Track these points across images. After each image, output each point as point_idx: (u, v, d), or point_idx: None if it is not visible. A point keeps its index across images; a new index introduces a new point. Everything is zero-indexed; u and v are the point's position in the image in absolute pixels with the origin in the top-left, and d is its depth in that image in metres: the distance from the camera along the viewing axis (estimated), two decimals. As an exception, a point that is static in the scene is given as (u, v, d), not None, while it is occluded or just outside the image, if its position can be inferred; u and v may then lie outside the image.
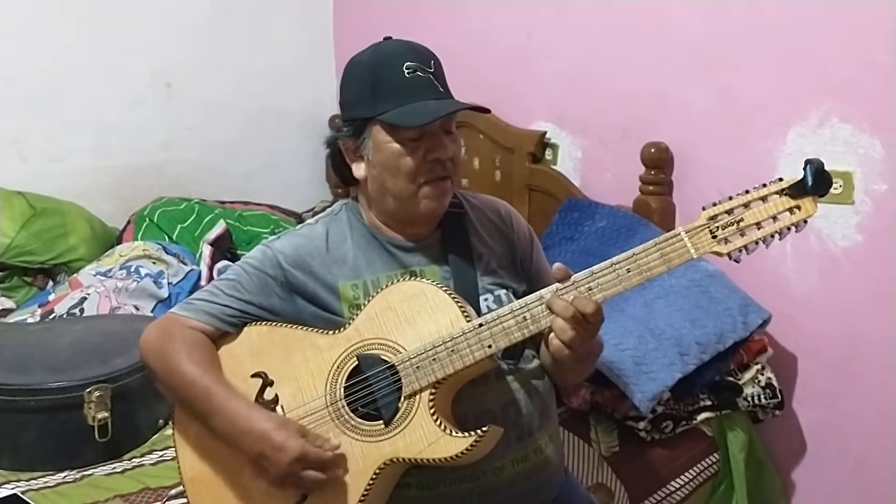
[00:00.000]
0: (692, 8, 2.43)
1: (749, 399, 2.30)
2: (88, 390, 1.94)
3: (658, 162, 2.49)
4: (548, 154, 2.89)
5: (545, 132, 2.86)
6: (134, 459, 2.00)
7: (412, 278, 1.40)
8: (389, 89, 1.38)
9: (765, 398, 2.30)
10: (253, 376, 1.40)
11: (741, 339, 2.23)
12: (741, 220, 1.23)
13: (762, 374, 2.32)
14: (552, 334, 1.28)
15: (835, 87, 2.17)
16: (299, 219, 3.36)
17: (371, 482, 1.31)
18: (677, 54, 2.48)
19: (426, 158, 1.39)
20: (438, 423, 1.29)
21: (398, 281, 1.39)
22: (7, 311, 2.69)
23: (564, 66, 2.80)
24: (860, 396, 2.26)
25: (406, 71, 1.37)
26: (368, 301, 1.39)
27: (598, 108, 2.73)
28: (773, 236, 1.23)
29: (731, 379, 2.29)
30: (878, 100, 2.10)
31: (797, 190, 1.21)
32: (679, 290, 2.27)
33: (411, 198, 1.42)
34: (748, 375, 2.31)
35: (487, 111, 1.45)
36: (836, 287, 2.26)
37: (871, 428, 2.26)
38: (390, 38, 1.47)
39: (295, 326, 1.43)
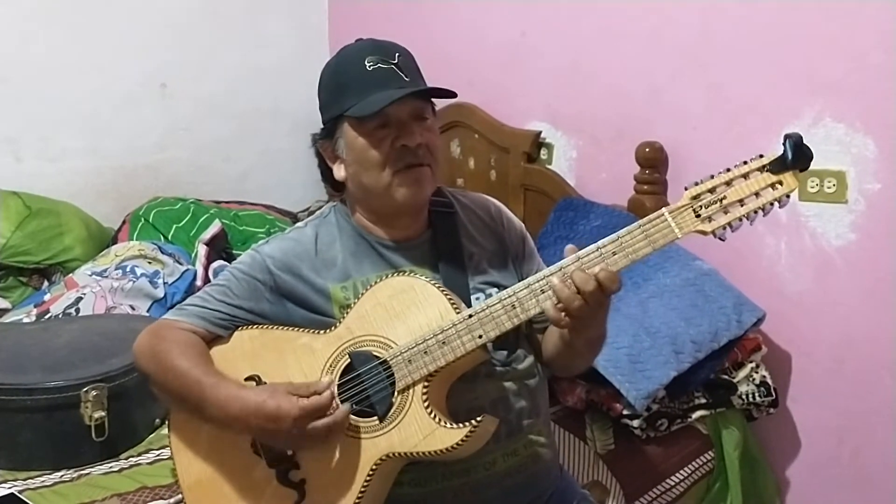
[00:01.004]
0: (686, 7, 2.44)
1: (743, 397, 2.31)
2: (85, 390, 1.94)
3: (653, 161, 2.49)
4: (543, 153, 2.89)
5: (540, 132, 2.87)
6: (131, 458, 2.00)
7: (401, 274, 1.41)
8: (353, 85, 1.39)
9: (759, 396, 2.31)
10: (246, 380, 1.40)
11: (736, 338, 2.23)
12: (724, 197, 1.22)
13: (756, 373, 2.33)
14: (563, 311, 1.27)
15: (828, 86, 2.18)
16: (295, 218, 3.36)
17: (368, 478, 1.31)
18: (671, 53, 2.49)
19: (394, 146, 1.39)
20: (433, 415, 1.29)
21: (387, 277, 1.39)
22: (3, 312, 2.69)
23: (559, 65, 2.81)
24: (854, 394, 2.27)
25: (368, 64, 1.38)
26: (358, 299, 1.39)
27: (593, 107, 2.74)
28: (756, 212, 1.23)
29: (726, 377, 2.30)
30: (872, 99, 2.10)
31: (778, 165, 1.21)
32: (674, 289, 2.28)
33: (386, 189, 1.41)
34: (743, 373, 2.32)
35: (453, 95, 1.42)
36: (829, 286, 2.27)
37: (864, 425, 2.27)
38: (361, 39, 1.47)
39: (286, 328, 1.43)
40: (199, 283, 2.77)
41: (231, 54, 3.46)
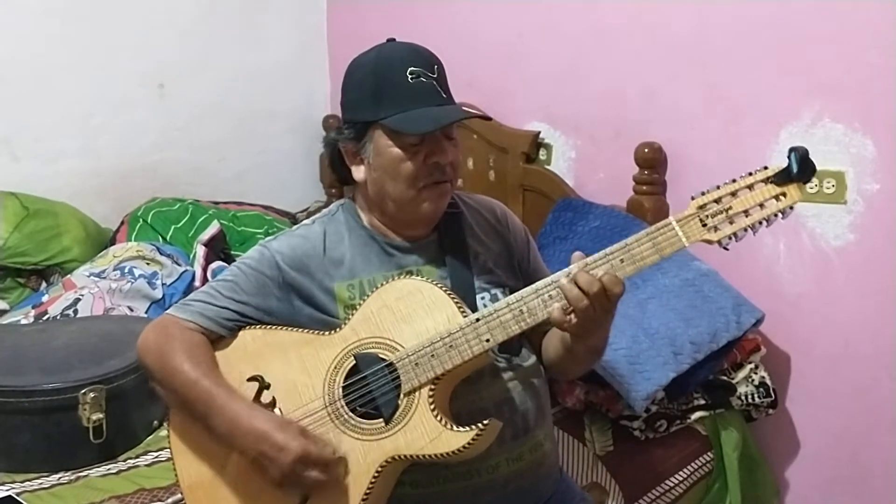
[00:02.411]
0: (683, 7, 2.44)
1: (743, 398, 2.31)
2: (83, 391, 1.93)
3: (651, 162, 2.49)
4: (541, 154, 2.89)
5: (539, 132, 2.87)
6: (129, 460, 1.99)
7: (407, 276, 1.41)
8: (393, 94, 1.38)
9: (758, 397, 2.31)
10: (249, 380, 1.40)
11: (735, 339, 2.23)
12: (729, 208, 1.24)
13: (756, 373, 2.33)
14: (569, 313, 1.28)
15: (826, 86, 2.18)
16: (293, 219, 3.35)
17: (373, 481, 1.31)
18: (668, 54, 2.49)
19: (426, 162, 1.40)
20: (439, 418, 1.29)
21: (393, 280, 1.39)
22: (1, 313, 2.68)
23: (557, 65, 2.81)
24: (852, 395, 2.28)
25: (410, 76, 1.38)
26: (364, 301, 1.39)
27: (591, 107, 2.73)
28: (760, 223, 1.25)
29: (725, 378, 2.31)
30: (870, 99, 2.11)
31: (782, 177, 1.23)
32: (672, 290, 2.28)
33: (411, 201, 1.42)
34: (742, 374, 2.32)
35: (489, 119, 1.47)
36: (828, 286, 2.27)
37: (863, 426, 2.28)
38: (394, 39, 1.47)
39: (290, 329, 1.43)
40: (197, 283, 2.76)
41: (229, 55, 3.44)
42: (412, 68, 1.38)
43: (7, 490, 1.83)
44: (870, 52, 2.09)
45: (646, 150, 2.49)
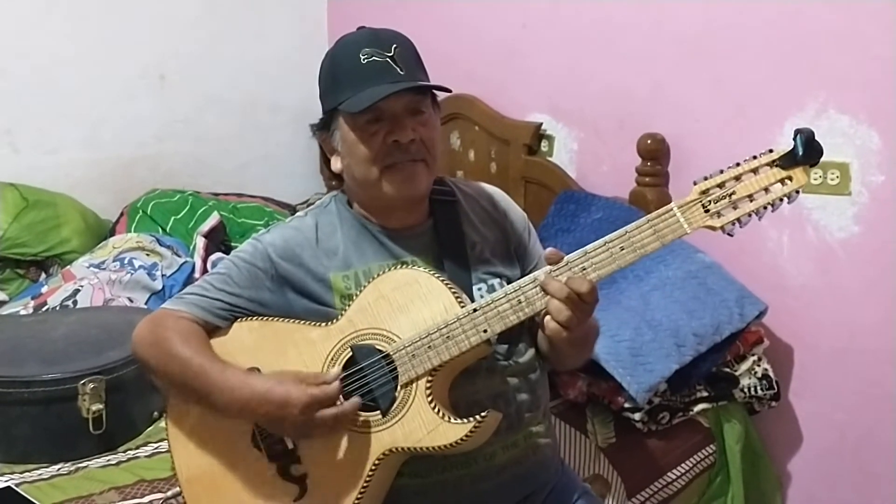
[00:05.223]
0: (687, -2, 2.42)
1: (745, 390, 2.30)
2: (82, 382, 1.93)
3: (654, 153, 2.48)
4: (543, 146, 2.88)
5: (541, 123, 2.85)
6: (129, 452, 1.98)
7: (404, 266, 1.39)
8: (346, 77, 1.38)
9: (761, 389, 2.30)
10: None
11: (738, 331, 2.22)
12: (733, 192, 1.21)
13: (758, 366, 2.32)
14: (548, 317, 1.27)
15: (831, 78, 2.16)
16: (293, 211, 3.34)
17: (371, 473, 1.30)
18: (673, 45, 2.48)
19: (386, 142, 1.38)
20: (437, 410, 1.28)
21: (390, 270, 1.38)
22: (0, 304, 2.68)
23: (560, 57, 2.79)
24: (856, 387, 2.26)
25: (362, 57, 1.36)
26: (360, 291, 1.38)
27: (594, 99, 2.72)
28: (765, 208, 1.21)
29: (728, 370, 2.29)
30: (876, 91, 2.09)
31: (788, 160, 1.19)
32: (676, 282, 2.27)
33: (376, 184, 1.40)
34: (745, 367, 2.31)
35: (447, 90, 1.40)
36: (832, 278, 2.26)
37: (866, 419, 2.26)
38: (363, 27, 1.45)
39: (287, 320, 1.42)
40: (197, 275, 2.76)
41: (230, 46, 3.44)
42: (365, 49, 1.37)
43: (6, 481, 1.83)
44: (876, 43, 2.07)
45: (649, 142, 2.47)
